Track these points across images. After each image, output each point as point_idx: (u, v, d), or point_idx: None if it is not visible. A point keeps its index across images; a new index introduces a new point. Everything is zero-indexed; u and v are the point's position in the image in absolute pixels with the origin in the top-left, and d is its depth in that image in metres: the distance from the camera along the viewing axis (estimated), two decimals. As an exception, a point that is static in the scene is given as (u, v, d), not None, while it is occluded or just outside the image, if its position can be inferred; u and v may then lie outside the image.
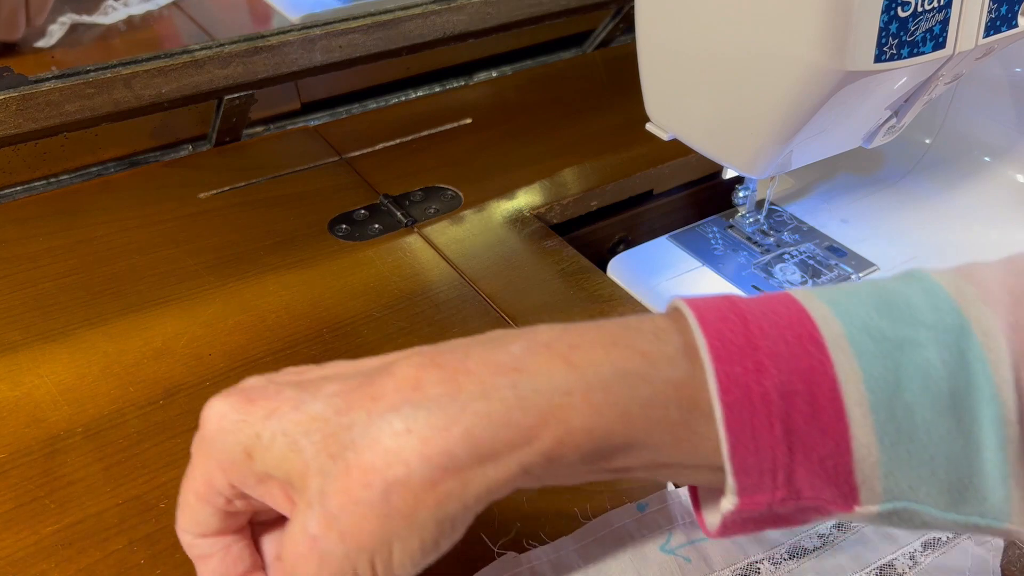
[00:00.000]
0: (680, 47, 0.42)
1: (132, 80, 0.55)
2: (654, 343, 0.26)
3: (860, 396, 0.24)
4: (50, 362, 0.44)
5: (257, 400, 0.27)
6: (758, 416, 0.24)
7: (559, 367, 0.25)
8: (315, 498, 0.25)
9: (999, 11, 0.39)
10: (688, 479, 0.28)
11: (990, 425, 0.25)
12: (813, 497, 0.25)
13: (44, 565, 0.34)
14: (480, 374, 0.25)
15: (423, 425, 0.24)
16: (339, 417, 0.25)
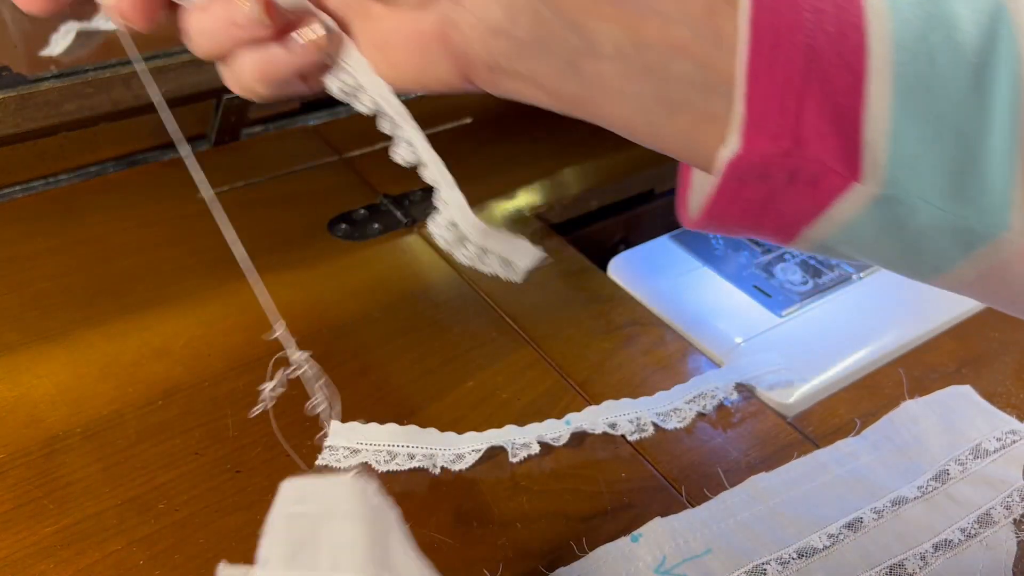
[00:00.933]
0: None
1: (131, 79, 0.55)
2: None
3: (884, 32, 0.22)
4: (48, 362, 0.44)
5: None
6: (783, 30, 0.22)
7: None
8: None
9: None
10: (670, 84, 0.24)
11: (1006, 92, 0.22)
12: (816, 154, 0.22)
13: (43, 566, 0.34)
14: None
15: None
16: None
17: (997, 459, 0.39)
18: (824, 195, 0.23)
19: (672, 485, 0.38)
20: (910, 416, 0.41)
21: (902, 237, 0.24)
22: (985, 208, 0.23)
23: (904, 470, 0.38)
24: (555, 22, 0.25)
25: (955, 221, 0.23)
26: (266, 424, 0.41)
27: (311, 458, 0.39)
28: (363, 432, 0.39)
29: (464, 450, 0.39)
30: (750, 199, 0.24)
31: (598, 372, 0.44)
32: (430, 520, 0.36)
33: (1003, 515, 0.37)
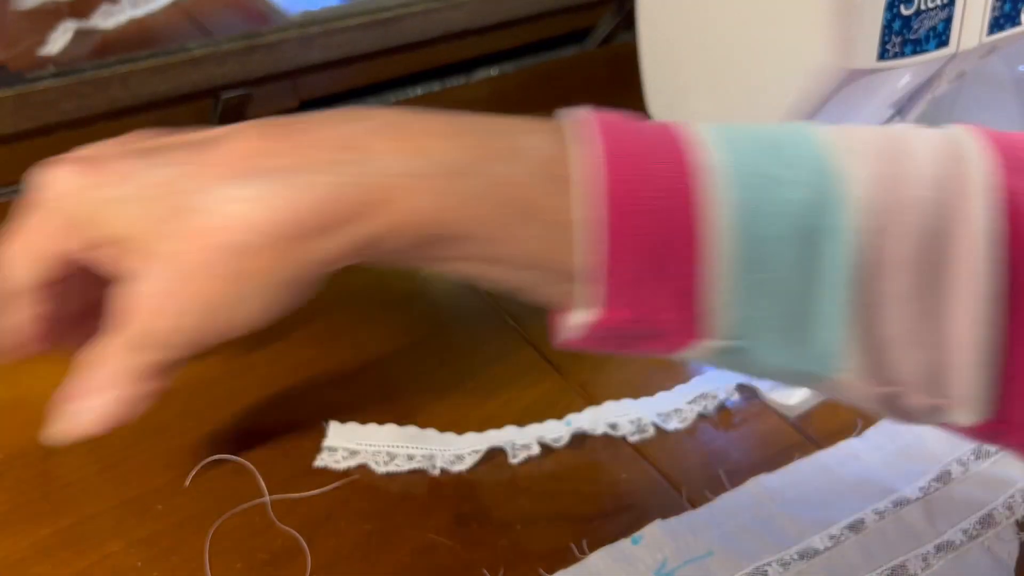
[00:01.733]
0: (683, 44, 0.42)
1: (129, 78, 0.55)
2: (511, 137, 0.27)
3: (716, 216, 0.24)
4: (47, 362, 0.44)
5: (101, 167, 0.27)
6: (626, 224, 0.24)
7: (411, 146, 0.26)
8: (166, 260, 0.26)
9: (1003, 9, 0.38)
10: (523, 282, 0.27)
11: (837, 263, 0.24)
12: (662, 320, 0.25)
13: (40, 567, 0.34)
14: (325, 148, 0.26)
15: (271, 191, 0.25)
16: (186, 181, 0.26)
17: (998, 459, 0.39)
18: (674, 345, 0.26)
19: (673, 486, 0.38)
20: None
21: (753, 371, 0.27)
22: (819, 357, 0.25)
23: (906, 471, 0.38)
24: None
25: (794, 365, 0.26)
26: (265, 424, 0.41)
27: (308, 459, 0.39)
28: (362, 433, 0.39)
29: (464, 451, 0.39)
30: (607, 344, 0.27)
31: (598, 373, 0.44)
32: (429, 522, 0.36)
33: (1005, 516, 0.37)
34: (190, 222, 0.26)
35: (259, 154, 0.26)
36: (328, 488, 0.37)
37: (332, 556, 0.35)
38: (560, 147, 0.26)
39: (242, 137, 0.27)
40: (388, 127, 0.26)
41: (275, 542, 0.35)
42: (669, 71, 0.44)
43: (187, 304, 0.26)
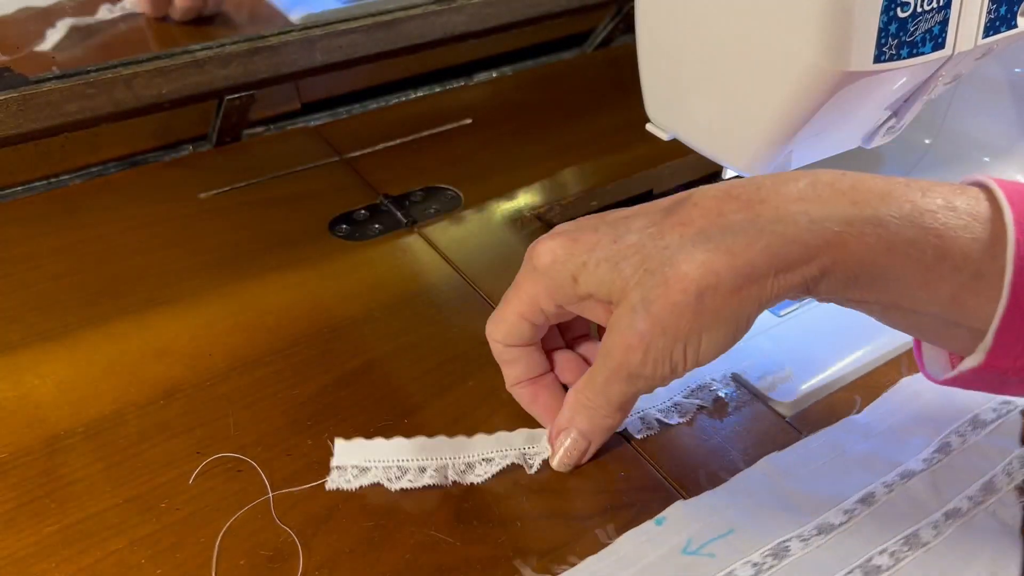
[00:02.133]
0: (680, 47, 0.42)
1: (132, 80, 0.55)
2: (929, 198, 0.32)
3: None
4: (50, 362, 0.44)
5: (580, 238, 0.35)
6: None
7: (842, 202, 0.32)
8: (639, 305, 0.33)
9: (998, 11, 0.39)
10: (921, 327, 0.33)
11: None
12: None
13: (44, 565, 0.34)
14: (774, 203, 0.32)
15: (730, 243, 0.31)
16: (654, 242, 0.33)
17: (994, 429, 0.40)
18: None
19: (672, 484, 0.38)
20: (911, 392, 0.42)
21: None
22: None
23: (908, 444, 0.39)
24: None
25: None
26: (267, 423, 0.41)
27: (311, 457, 0.39)
28: (370, 448, 0.39)
29: (474, 459, 0.39)
30: (976, 384, 0.33)
31: (597, 372, 0.45)
32: (430, 518, 0.37)
33: (1005, 482, 0.38)
34: (660, 273, 0.32)
35: (716, 213, 0.32)
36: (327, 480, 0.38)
37: (334, 552, 0.35)
38: (979, 207, 0.31)
39: (700, 200, 0.33)
40: (824, 186, 0.32)
41: (278, 538, 0.36)
42: (667, 74, 0.44)
43: (659, 341, 0.32)
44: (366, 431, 0.40)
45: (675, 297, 0.32)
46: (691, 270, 0.32)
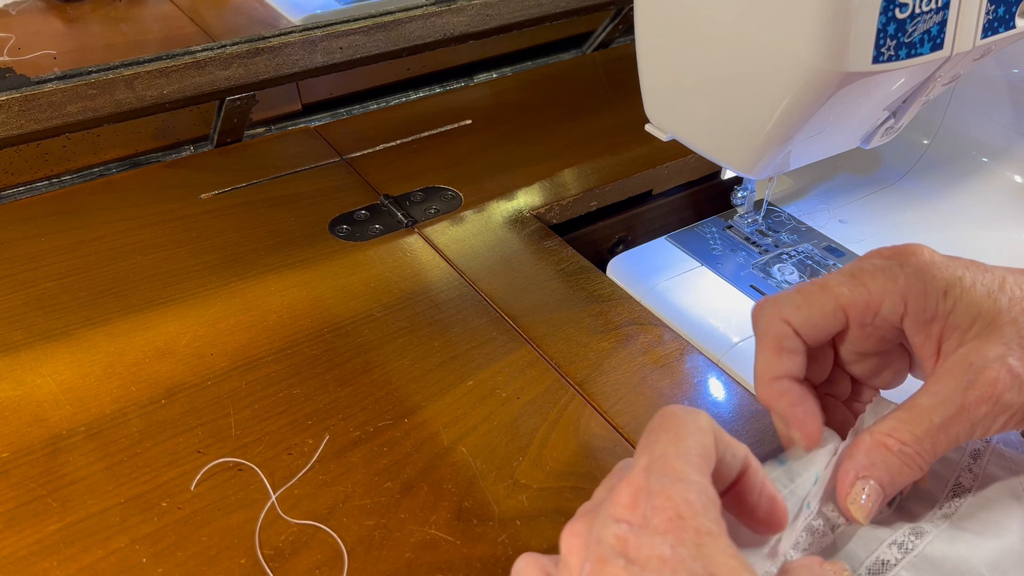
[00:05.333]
0: (679, 48, 0.43)
1: (134, 81, 0.55)
2: None
3: None
4: (52, 362, 0.44)
5: (954, 257, 0.33)
6: None
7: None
8: (1015, 343, 0.30)
9: (997, 12, 0.39)
10: None
11: None
12: None
13: (46, 563, 0.35)
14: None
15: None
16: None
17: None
18: None
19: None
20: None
21: None
22: None
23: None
24: None
25: None
26: (268, 423, 0.41)
27: (311, 456, 0.39)
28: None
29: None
30: None
31: (597, 371, 0.45)
32: (430, 517, 0.37)
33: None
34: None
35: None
36: (329, 477, 0.38)
37: (335, 551, 0.35)
38: None
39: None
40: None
41: (279, 537, 0.36)
42: (666, 75, 0.45)
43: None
44: (366, 430, 0.41)
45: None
46: None
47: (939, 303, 0.32)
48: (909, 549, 0.33)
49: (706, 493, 0.26)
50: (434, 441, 0.40)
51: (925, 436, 0.31)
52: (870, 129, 0.45)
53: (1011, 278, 0.32)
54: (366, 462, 0.39)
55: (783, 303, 0.33)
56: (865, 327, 0.33)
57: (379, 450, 0.40)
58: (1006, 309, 0.31)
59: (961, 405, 0.30)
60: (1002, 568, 0.33)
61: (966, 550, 0.33)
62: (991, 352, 0.30)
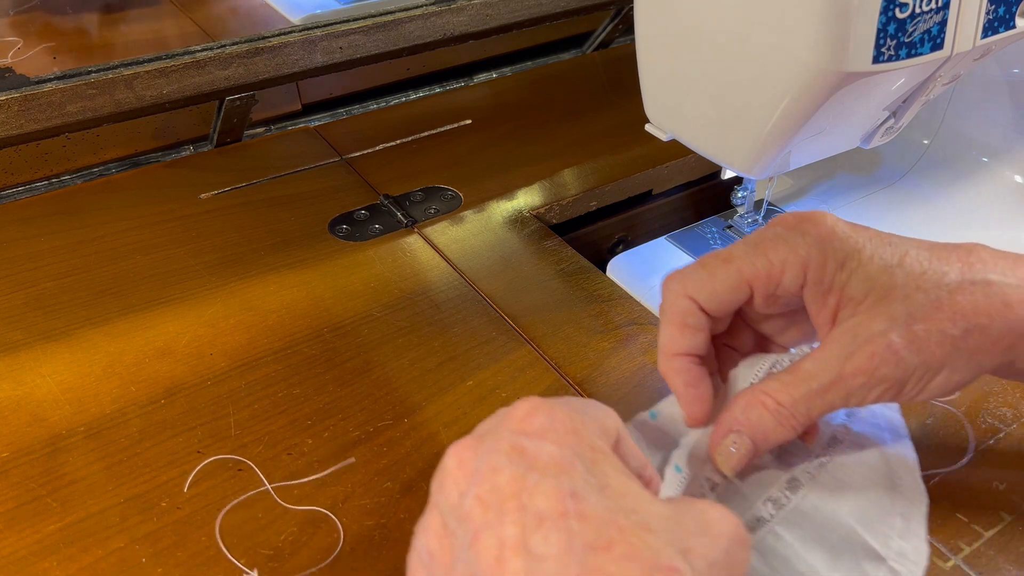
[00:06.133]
0: (679, 48, 0.43)
1: (134, 81, 0.55)
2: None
3: None
4: (52, 361, 0.44)
5: (858, 226, 0.33)
6: None
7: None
8: (901, 318, 0.31)
9: (997, 12, 0.39)
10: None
11: None
12: None
13: (46, 563, 0.35)
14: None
15: (1009, 293, 0.31)
16: (933, 264, 0.32)
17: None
18: None
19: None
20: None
21: None
22: None
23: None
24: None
25: None
26: (268, 423, 0.41)
27: (311, 456, 0.39)
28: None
29: None
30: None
31: (596, 371, 0.45)
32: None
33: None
34: (934, 295, 0.31)
35: (993, 263, 0.32)
36: (326, 473, 0.38)
37: (334, 551, 0.35)
38: None
39: (979, 247, 0.33)
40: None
41: (279, 537, 0.36)
42: (666, 74, 0.45)
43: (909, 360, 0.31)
44: (366, 430, 0.41)
45: (943, 324, 0.31)
46: (966, 304, 0.31)
47: (836, 274, 0.32)
48: (783, 504, 0.34)
49: (599, 433, 0.27)
50: (434, 441, 0.40)
51: (801, 400, 0.32)
52: (870, 129, 0.45)
53: (914, 252, 0.32)
54: (366, 462, 0.39)
55: (688, 278, 0.34)
56: (768, 296, 0.33)
57: (379, 450, 0.40)
58: (900, 284, 0.31)
59: (839, 374, 0.31)
60: (869, 520, 0.34)
61: (837, 504, 0.34)
62: (876, 326, 0.31)
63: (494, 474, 0.24)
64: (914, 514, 0.35)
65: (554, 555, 0.22)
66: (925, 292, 0.31)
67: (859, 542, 0.33)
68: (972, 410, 0.42)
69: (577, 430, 0.25)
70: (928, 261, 0.32)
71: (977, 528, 0.37)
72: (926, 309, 0.31)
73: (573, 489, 0.23)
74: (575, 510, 0.23)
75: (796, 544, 0.33)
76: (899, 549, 0.34)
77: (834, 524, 0.34)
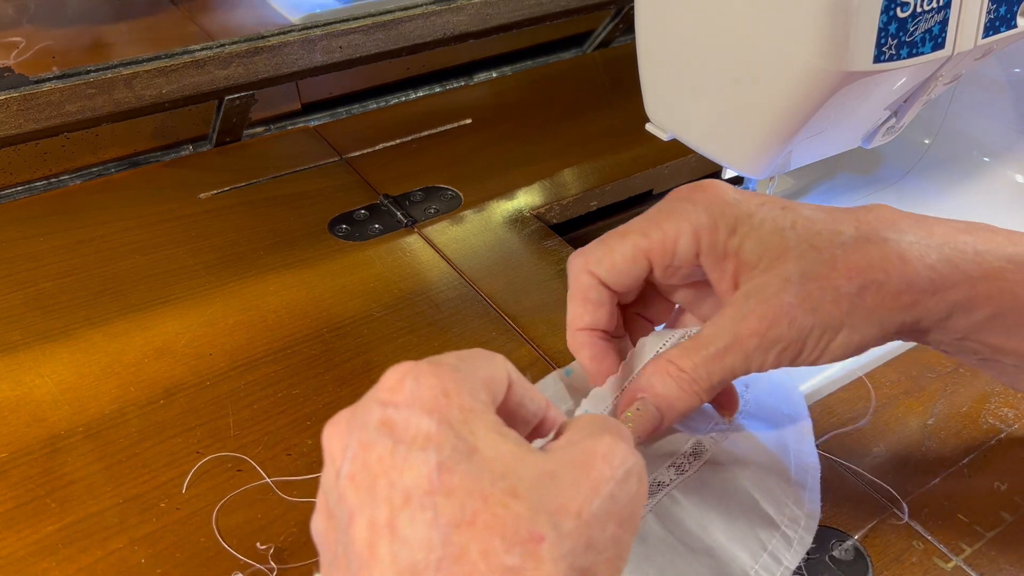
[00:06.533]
0: (680, 47, 0.42)
1: (133, 80, 0.55)
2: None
3: None
4: (51, 362, 0.44)
5: (747, 193, 0.34)
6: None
7: (1002, 241, 0.32)
8: (795, 277, 0.31)
9: (998, 11, 0.39)
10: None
11: None
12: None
13: (45, 564, 0.35)
14: (943, 228, 0.32)
15: (904, 248, 0.31)
16: (827, 225, 0.32)
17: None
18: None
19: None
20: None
21: None
22: None
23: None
24: None
25: None
26: (267, 423, 0.41)
27: (311, 457, 0.39)
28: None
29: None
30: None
31: (597, 372, 0.45)
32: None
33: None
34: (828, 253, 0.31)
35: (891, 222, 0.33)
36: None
37: (334, 552, 0.35)
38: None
39: (876, 207, 0.33)
40: (984, 228, 0.33)
41: (279, 537, 0.36)
42: (666, 74, 0.44)
43: (804, 320, 0.31)
44: (366, 431, 0.40)
45: (838, 281, 0.30)
46: (861, 260, 0.31)
47: (728, 239, 0.32)
48: (685, 470, 0.35)
49: (478, 387, 0.25)
50: (434, 441, 0.40)
51: (701, 364, 0.32)
52: (871, 128, 0.45)
53: (808, 214, 0.32)
54: (366, 462, 0.39)
55: (589, 255, 0.34)
56: (668, 268, 0.33)
57: (379, 450, 0.40)
58: (793, 246, 0.31)
59: (734, 336, 0.31)
60: (766, 487, 0.35)
61: (736, 471, 0.35)
62: (769, 288, 0.31)
63: (364, 451, 0.23)
64: (808, 480, 0.36)
65: (420, 537, 0.21)
66: (819, 251, 0.31)
67: (755, 509, 0.34)
68: (973, 411, 0.42)
69: (447, 391, 0.24)
70: (823, 222, 0.32)
71: (978, 529, 0.37)
72: (820, 268, 0.31)
73: (440, 461, 0.22)
74: (441, 484, 0.22)
75: (691, 507, 0.34)
76: (792, 515, 0.35)
77: (732, 491, 0.34)
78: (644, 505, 0.26)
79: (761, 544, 0.33)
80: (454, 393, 0.24)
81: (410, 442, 0.23)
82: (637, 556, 0.32)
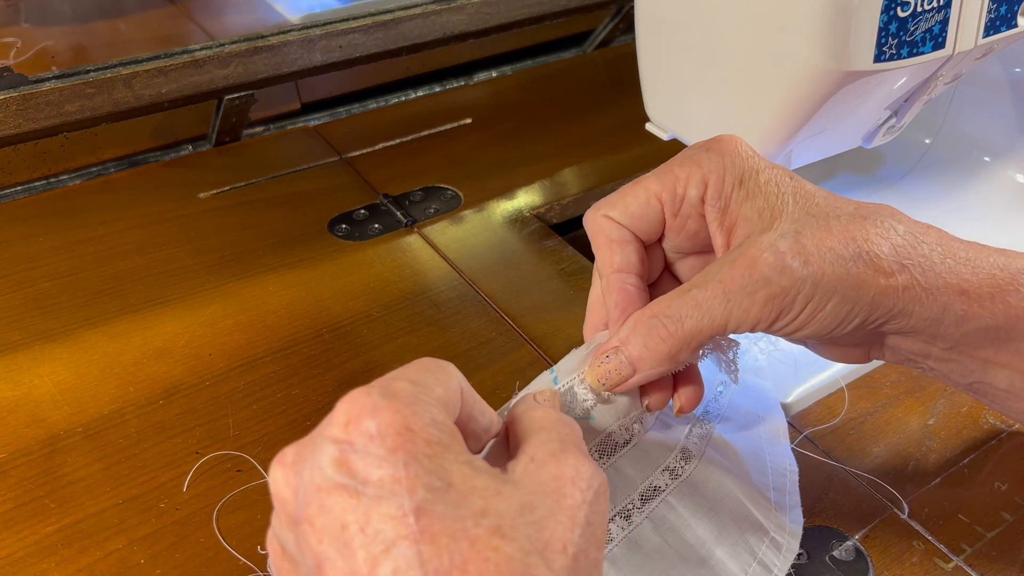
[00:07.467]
0: (680, 47, 0.42)
1: (132, 80, 0.55)
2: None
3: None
4: (50, 362, 0.44)
5: (764, 159, 0.34)
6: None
7: (993, 252, 0.32)
8: (788, 231, 0.30)
9: (998, 11, 0.39)
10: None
11: None
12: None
13: (44, 564, 0.34)
14: (936, 235, 0.32)
15: (901, 235, 0.31)
16: (828, 201, 0.32)
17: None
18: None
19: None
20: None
21: None
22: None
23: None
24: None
25: None
26: (267, 423, 0.41)
27: (311, 457, 0.39)
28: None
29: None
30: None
31: (597, 372, 0.44)
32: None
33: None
34: (824, 220, 0.31)
35: (891, 212, 0.33)
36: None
37: (333, 553, 0.35)
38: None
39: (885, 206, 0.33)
40: (972, 244, 0.33)
41: (277, 539, 0.36)
42: (666, 74, 0.44)
43: (796, 270, 0.30)
44: (366, 431, 0.40)
45: (833, 243, 0.30)
46: (858, 231, 0.30)
47: (734, 190, 0.32)
48: (678, 475, 0.35)
49: (438, 413, 0.24)
50: (434, 442, 0.40)
51: (680, 307, 0.31)
52: (871, 128, 0.45)
53: (812, 188, 0.33)
54: (365, 463, 0.39)
55: (603, 204, 0.35)
56: (676, 216, 0.34)
57: (378, 451, 0.40)
58: (791, 210, 0.31)
59: (717, 279, 0.30)
60: (752, 492, 0.35)
61: (724, 476, 0.35)
62: (763, 240, 0.30)
63: (321, 494, 0.22)
64: (786, 485, 0.36)
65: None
66: (816, 218, 0.31)
67: (745, 514, 0.34)
68: (974, 411, 0.42)
69: (409, 426, 0.22)
70: (824, 198, 0.32)
71: (978, 529, 0.37)
72: (816, 230, 0.30)
73: (416, 505, 0.21)
74: (421, 531, 0.21)
75: (687, 515, 0.34)
76: (778, 522, 0.35)
77: (722, 495, 0.34)
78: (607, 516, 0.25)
79: (751, 551, 0.33)
80: (417, 427, 0.23)
81: (377, 484, 0.21)
82: (633, 565, 0.32)
